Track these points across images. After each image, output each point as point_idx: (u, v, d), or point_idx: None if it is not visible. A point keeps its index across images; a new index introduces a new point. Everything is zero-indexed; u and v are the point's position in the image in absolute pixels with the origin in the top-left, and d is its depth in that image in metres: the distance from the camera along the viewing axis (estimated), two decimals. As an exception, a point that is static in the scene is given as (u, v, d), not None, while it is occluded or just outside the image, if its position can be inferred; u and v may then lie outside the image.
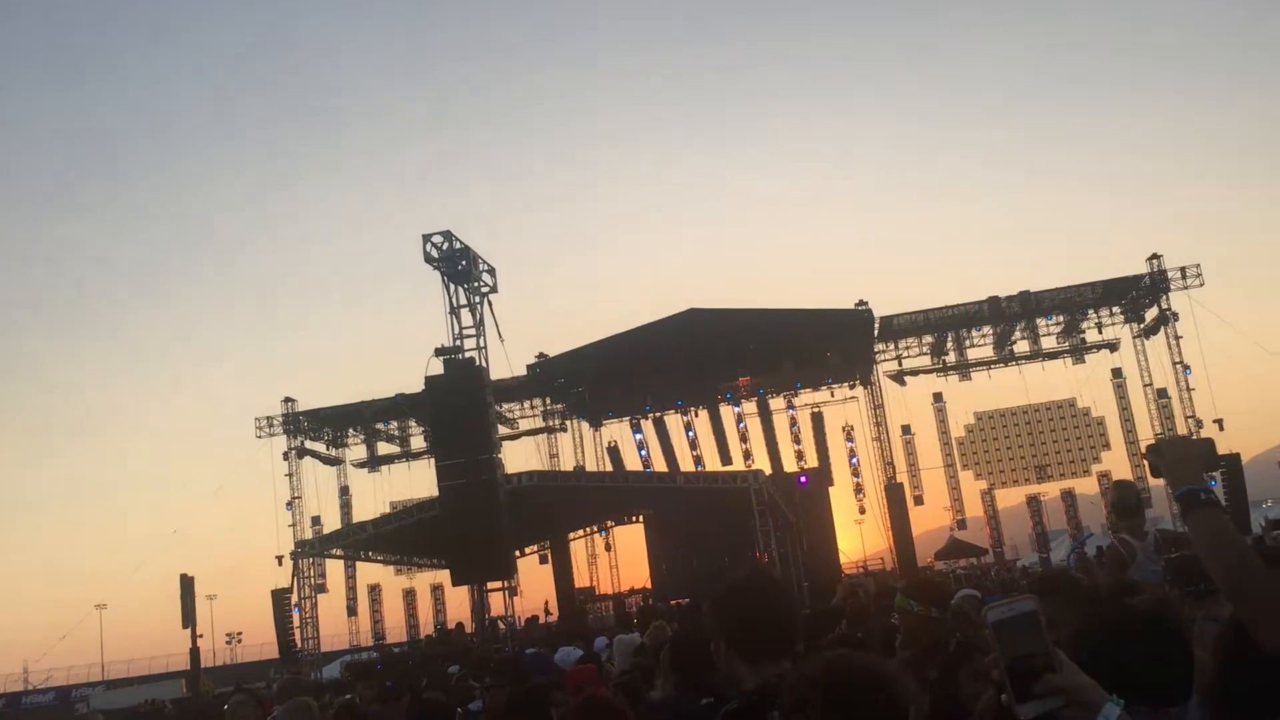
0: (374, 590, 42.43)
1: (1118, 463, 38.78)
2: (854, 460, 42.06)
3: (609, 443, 43.25)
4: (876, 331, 38.50)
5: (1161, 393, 37.97)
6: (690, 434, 42.36)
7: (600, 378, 39.28)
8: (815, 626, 7.36)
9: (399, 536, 34.01)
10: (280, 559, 38.59)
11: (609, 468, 41.76)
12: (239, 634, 50.04)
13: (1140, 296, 38.01)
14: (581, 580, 40.71)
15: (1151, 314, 37.83)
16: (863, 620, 8.23)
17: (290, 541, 38.93)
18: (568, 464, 41.98)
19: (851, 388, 42.01)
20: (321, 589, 37.55)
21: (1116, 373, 39.13)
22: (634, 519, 41.49)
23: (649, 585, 38.56)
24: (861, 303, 37.23)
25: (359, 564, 40.17)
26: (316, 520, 41.47)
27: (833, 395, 42.17)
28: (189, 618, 39.58)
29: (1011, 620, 1.84)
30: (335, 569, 40.61)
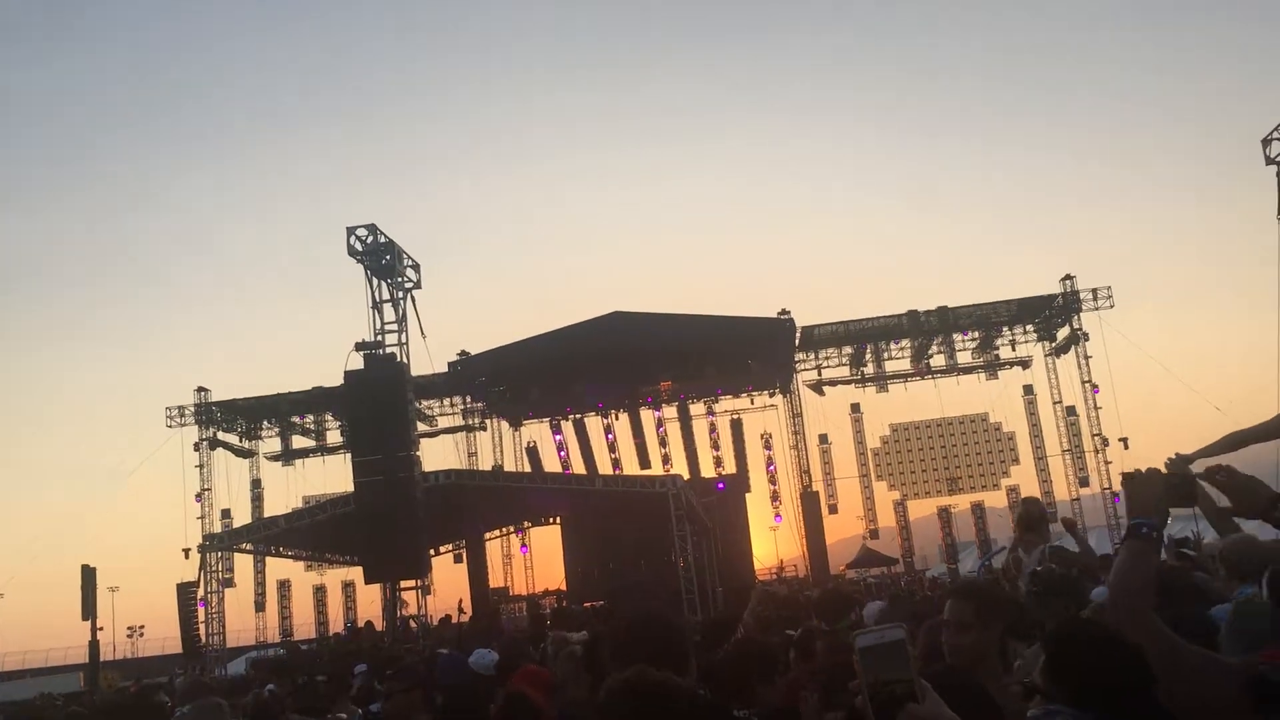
0: (283, 586, 41.73)
1: (1026, 477, 39.81)
2: (771, 468, 42.53)
3: (528, 443, 43.15)
4: (798, 341, 38.95)
5: (1070, 410, 39.04)
6: (610, 437, 42.45)
7: (522, 377, 39.10)
8: (709, 637, 7.42)
9: (312, 532, 33.50)
10: (187, 552, 37.66)
11: (528, 468, 41.61)
12: (141, 627, 48.86)
13: (1053, 316, 39.03)
14: (496, 581, 40.47)
15: (1063, 333, 38.86)
16: (765, 631, 8.30)
17: (198, 534, 38.10)
18: (486, 463, 41.79)
19: (771, 396, 42.43)
20: (229, 584, 36.74)
21: (1028, 389, 40.14)
22: (551, 520, 41.38)
23: (564, 587, 38.50)
24: (784, 312, 37.60)
25: (269, 559, 39.42)
26: (226, 513, 40.68)
27: (752, 403, 42.55)
28: (89, 609, 38.54)
29: (879, 648, 1.85)
30: (244, 564, 39.85)
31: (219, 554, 34.86)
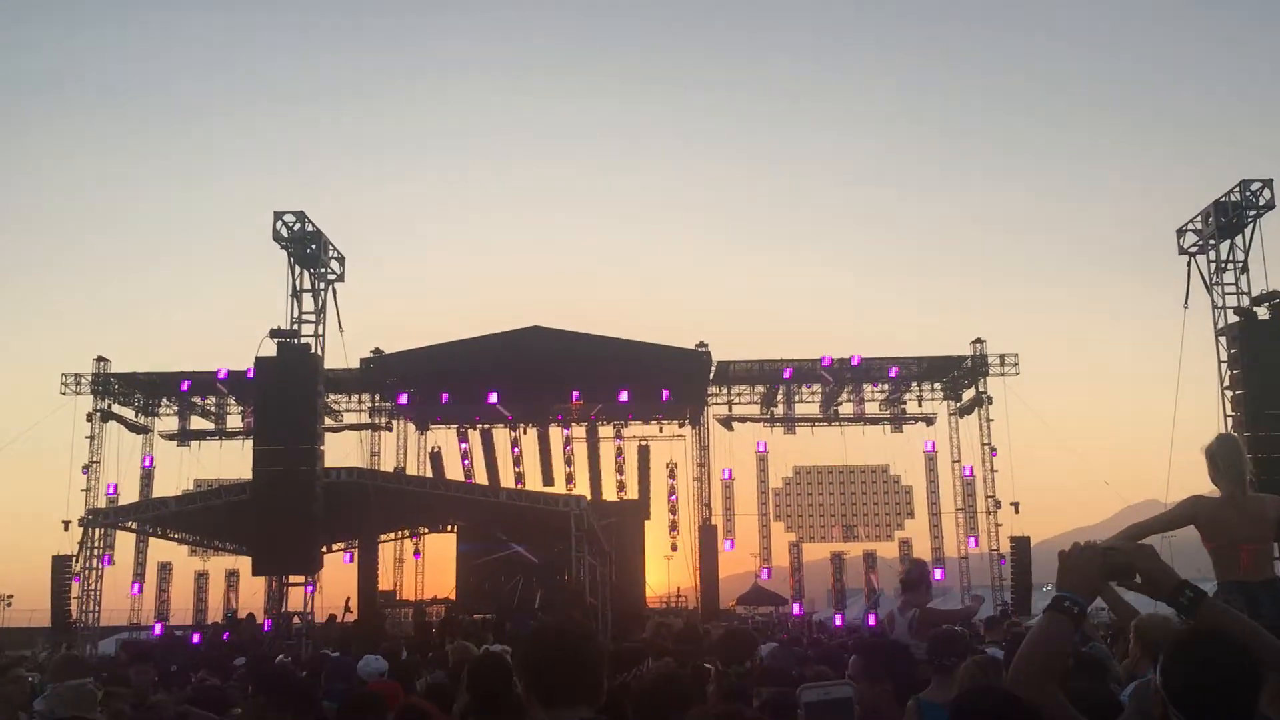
0: (164, 569, 40.52)
1: (919, 531, 40.63)
2: (673, 497, 42.79)
3: (432, 448, 42.72)
4: (712, 375, 39.32)
5: (968, 470, 40.06)
6: (516, 450, 42.30)
7: (433, 382, 38.77)
8: (619, 662, 7.49)
9: (202, 516, 32.71)
10: (67, 524, 36.46)
11: (430, 473, 41.23)
12: (9, 597, 47.01)
13: (961, 377, 40.02)
14: (385, 584, 39.94)
15: (968, 395, 39.85)
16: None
17: (82, 508, 36.90)
18: (388, 464, 41.22)
19: (681, 426, 42.71)
20: (109, 561, 35.66)
21: (929, 446, 41.05)
22: (448, 528, 41.00)
23: (453, 596, 38.13)
24: (702, 344, 37.98)
25: (152, 540, 38.32)
26: (113, 488, 39.42)
27: (661, 431, 42.78)
28: (-44, 575, 37.04)
29: (826, 704, 1.95)
30: (125, 542, 38.57)
31: (101, 530, 33.85)
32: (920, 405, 41.08)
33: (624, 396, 39.04)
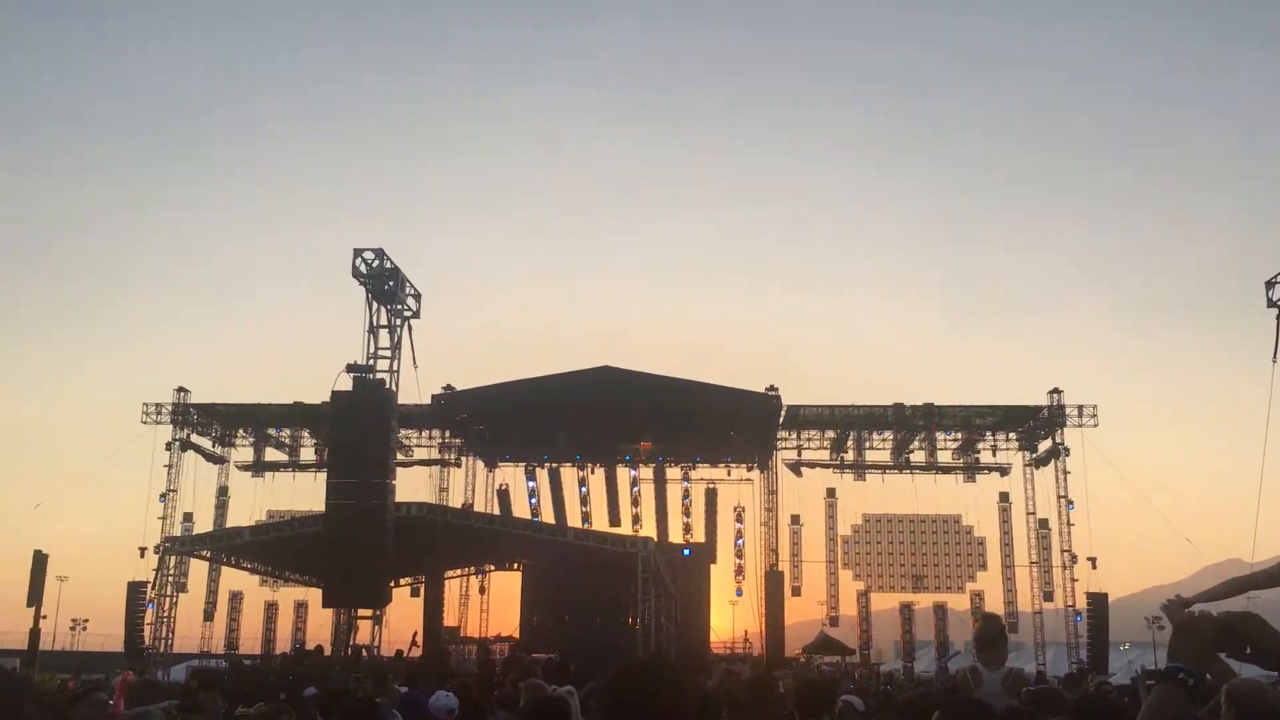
0: (235, 598, 41.09)
1: (992, 584, 39.77)
2: (740, 542, 42.36)
3: (500, 485, 42.90)
4: (782, 419, 39.04)
5: (1043, 523, 39.13)
6: (583, 490, 42.32)
7: (503, 419, 39.05)
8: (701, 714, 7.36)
9: (275, 547, 33.13)
10: (144, 551, 37.29)
11: (497, 510, 41.38)
12: (85, 621, 48.02)
13: (1037, 427, 39.25)
14: (450, 619, 40.05)
15: (1045, 445, 39.06)
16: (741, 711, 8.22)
17: (158, 535, 37.68)
18: (456, 500, 41.50)
19: (749, 470, 42.40)
20: (182, 588, 36.27)
21: (1004, 497, 40.22)
22: (514, 566, 41.05)
23: (517, 635, 38.08)
24: (772, 388, 37.74)
25: (225, 569, 38.91)
26: (189, 518, 40.22)
27: (729, 474, 42.50)
28: (35, 596, 37.97)
29: None
30: (199, 570, 39.28)
31: (176, 557, 34.45)
32: (995, 455, 40.33)
33: (692, 439, 38.93)
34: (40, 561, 38.16)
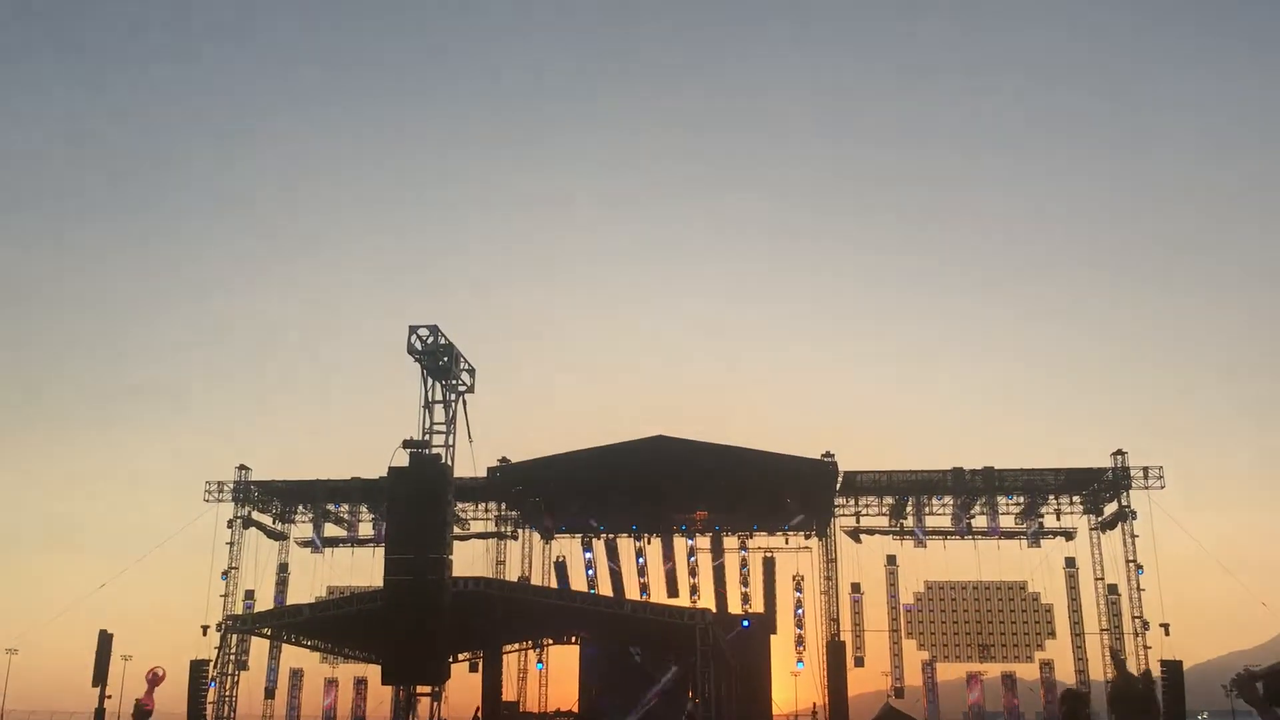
0: (296, 675, 41.22)
1: (1061, 652, 38.75)
2: (799, 611, 41.72)
3: (557, 558, 42.81)
4: (839, 485, 38.67)
5: (1112, 589, 38.19)
6: (640, 560, 42.04)
7: (558, 491, 39.11)
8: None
9: (334, 624, 33.22)
10: (206, 629, 37.59)
11: (554, 583, 41.23)
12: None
13: (1101, 490, 38.49)
14: (509, 695, 39.75)
15: (1110, 509, 38.26)
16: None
17: (219, 612, 38.01)
18: (513, 573, 41.45)
19: (807, 538, 41.91)
20: (244, 666, 36.39)
21: (1070, 562, 39.36)
22: (572, 639, 40.74)
23: (575, 709, 37.71)
24: (827, 454, 37.47)
25: (285, 646, 39.07)
26: (250, 594, 40.58)
27: (787, 542, 42.03)
28: (101, 675, 38.34)
29: None
30: (259, 647, 39.48)
31: (237, 636, 34.63)
32: (1059, 519, 39.55)
33: (749, 507, 38.63)
34: (105, 641, 38.59)
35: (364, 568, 39.95)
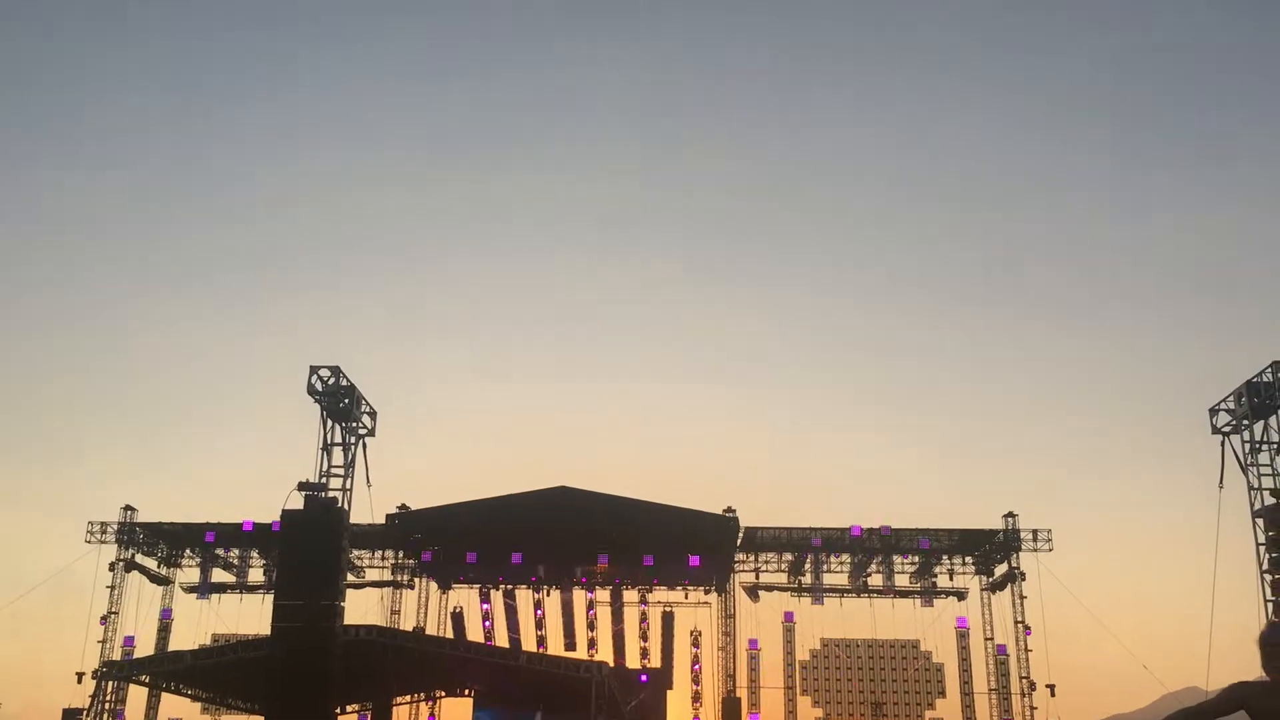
0: (174, 726, 39.62)
1: (951, 711, 39.26)
2: (697, 667, 41.59)
3: (454, 608, 42.08)
4: (740, 541, 38.86)
5: (1001, 649, 38.92)
6: (539, 613, 41.54)
7: (458, 540, 38.57)
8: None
9: (216, 673, 32.15)
10: (80, 676, 35.99)
11: (450, 634, 40.51)
12: (16, 750, 45.84)
13: (993, 551, 39.34)
14: (398, 750, 38.75)
15: (1001, 570, 39.09)
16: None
17: (97, 659, 36.43)
18: (408, 623, 40.62)
19: (706, 593, 41.91)
20: (119, 716, 34.94)
21: (961, 621, 40.03)
22: (465, 692, 39.98)
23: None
24: (729, 510, 37.71)
25: (165, 694, 37.60)
26: (130, 640, 38.99)
27: (686, 597, 41.94)
28: (-36, 725, 36.41)
29: None
30: (138, 696, 37.94)
31: (114, 683, 33.28)
32: (952, 579, 40.33)
33: (650, 561, 38.58)
34: (-29, 687, 36.69)
35: (253, 616, 38.80)
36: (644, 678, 39.98)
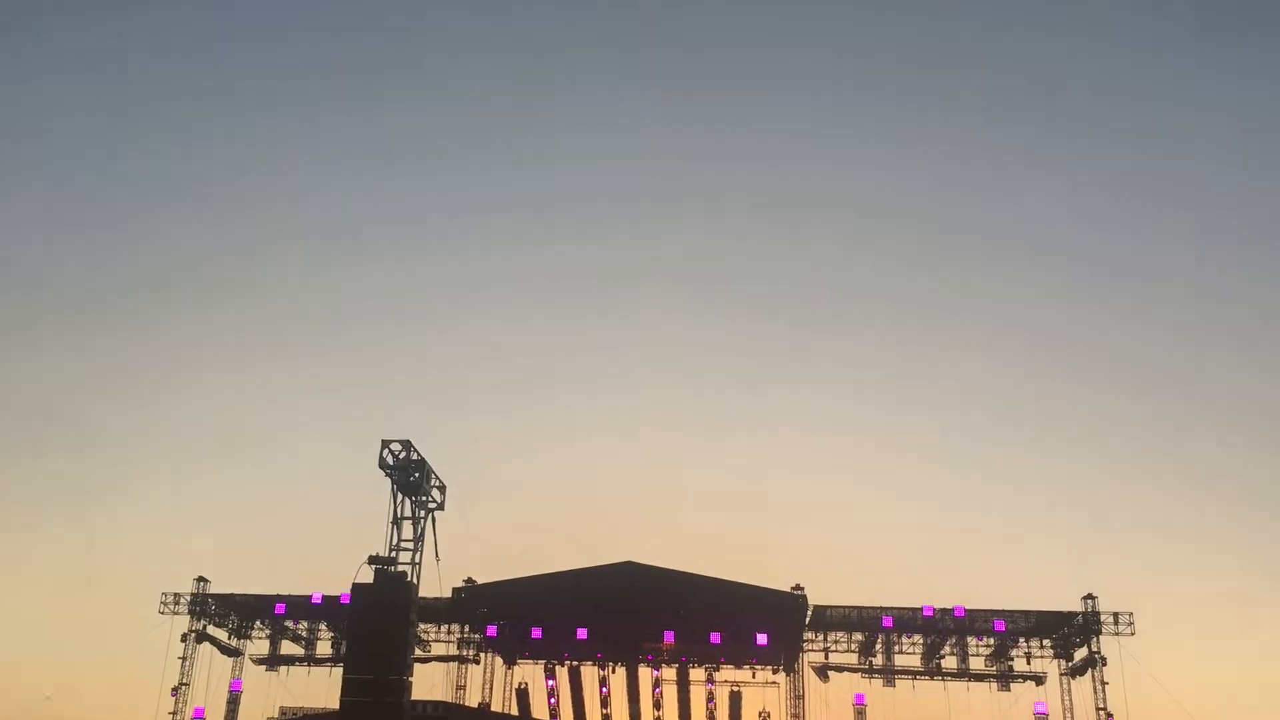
0: (241, 799, 39.63)
1: (1031, 800, 37.80)
2: (765, 748, 40.75)
3: (519, 684, 41.78)
4: (808, 619, 38.26)
5: (1084, 736, 37.52)
6: (604, 690, 41.17)
7: (524, 614, 38.44)
8: None
9: (284, 746, 32.16)
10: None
11: (515, 710, 40.20)
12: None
13: (1072, 634, 38.20)
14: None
15: (1081, 654, 37.90)
16: None
17: (167, 730, 36.71)
18: (474, 698, 40.36)
19: (775, 672, 41.22)
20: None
21: (1040, 707, 38.70)
22: (530, 770, 39.58)
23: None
24: (797, 587, 37.24)
25: (232, 767, 37.71)
26: (200, 712, 39.19)
27: (754, 676, 41.34)
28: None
29: None
30: (206, 770, 38.06)
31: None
32: (1029, 663, 39.11)
33: (717, 639, 38.06)
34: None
35: (320, 688, 38.85)
36: (711, 759, 39.25)
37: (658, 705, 41.05)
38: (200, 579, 40.22)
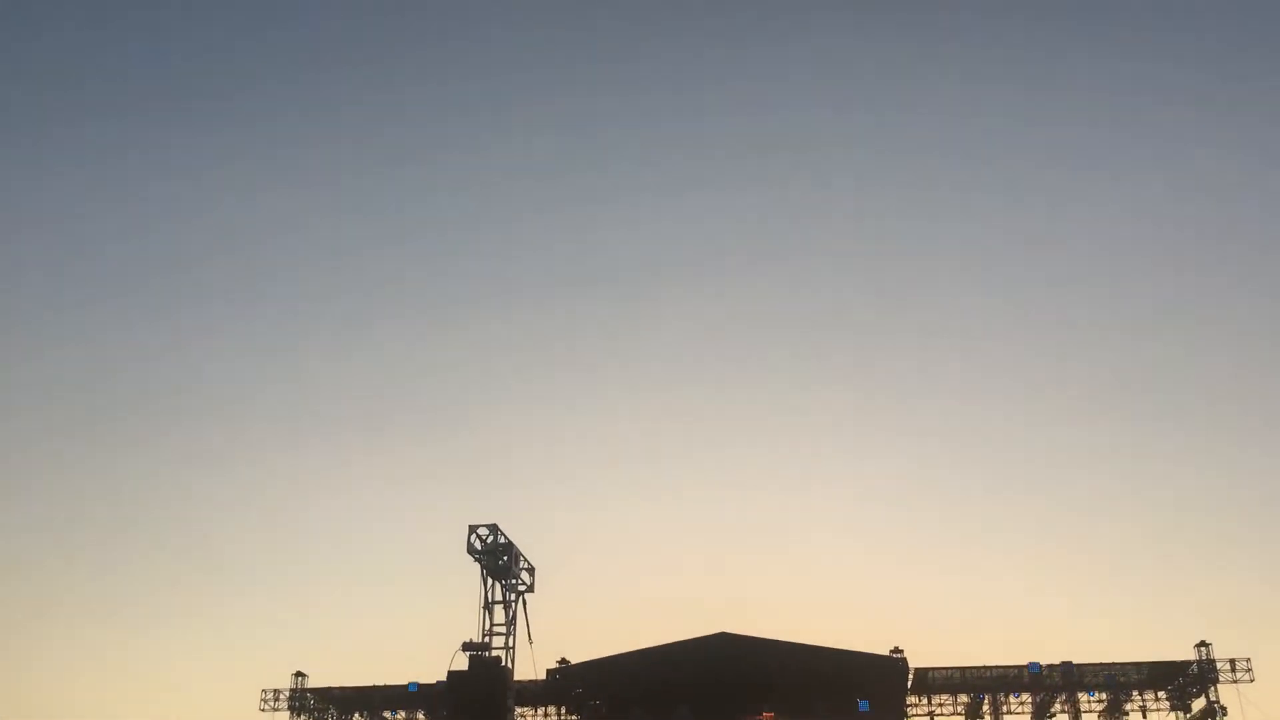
0: None
1: None
2: (875, 821, 39.47)
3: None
4: (910, 683, 37.40)
5: (1210, 792, 35.89)
6: (706, 767, 40.32)
7: (620, 692, 38.12)
8: None
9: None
10: None
11: (616, 792, 39.60)
12: None
13: (1187, 684, 36.81)
14: None
15: (1199, 704, 36.46)
16: None
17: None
18: (574, 782, 39.92)
19: (880, 739, 40.09)
20: None
21: (1162, 761, 37.22)
22: None
23: None
24: (897, 650, 36.47)
25: None
26: (304, 809, 39.41)
27: (859, 744, 40.17)
28: None
29: None
30: None
31: None
32: (1145, 717, 37.67)
33: (817, 706, 37.29)
34: None
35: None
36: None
37: (761, 780, 40.09)
38: (298, 674, 40.62)
